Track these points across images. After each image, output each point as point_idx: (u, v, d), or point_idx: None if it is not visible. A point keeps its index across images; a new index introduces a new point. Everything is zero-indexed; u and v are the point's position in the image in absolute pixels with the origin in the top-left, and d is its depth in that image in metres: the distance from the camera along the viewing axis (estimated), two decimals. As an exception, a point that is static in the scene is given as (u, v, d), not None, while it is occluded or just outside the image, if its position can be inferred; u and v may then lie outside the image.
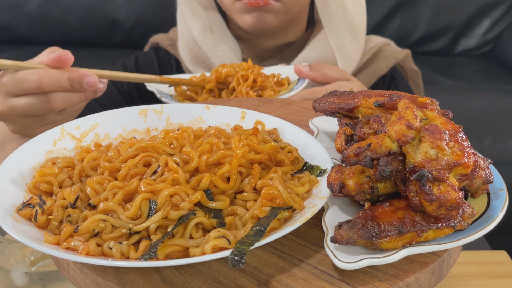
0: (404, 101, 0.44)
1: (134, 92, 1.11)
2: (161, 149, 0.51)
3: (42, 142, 0.55)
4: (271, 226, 0.44)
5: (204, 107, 0.63)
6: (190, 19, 1.05)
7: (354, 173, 0.45)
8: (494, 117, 1.74)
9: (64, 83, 0.70)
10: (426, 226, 0.42)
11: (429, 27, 2.08)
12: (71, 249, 0.43)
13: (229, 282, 0.42)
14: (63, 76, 0.70)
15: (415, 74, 1.12)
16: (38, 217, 0.45)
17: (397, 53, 1.11)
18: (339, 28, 1.01)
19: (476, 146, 1.65)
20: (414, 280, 0.42)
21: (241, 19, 1.00)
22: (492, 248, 1.08)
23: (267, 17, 0.98)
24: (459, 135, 0.41)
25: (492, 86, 1.88)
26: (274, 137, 0.58)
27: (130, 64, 1.12)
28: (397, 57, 1.10)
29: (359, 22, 1.05)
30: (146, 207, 0.45)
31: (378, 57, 1.10)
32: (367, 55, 1.10)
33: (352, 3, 1.03)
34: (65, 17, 2.02)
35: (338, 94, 0.56)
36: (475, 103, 1.77)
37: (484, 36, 2.11)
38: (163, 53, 1.14)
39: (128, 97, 1.11)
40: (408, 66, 1.12)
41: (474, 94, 1.82)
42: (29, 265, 0.67)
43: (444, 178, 0.40)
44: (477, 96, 1.82)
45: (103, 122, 0.59)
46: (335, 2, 1.01)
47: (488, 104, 1.78)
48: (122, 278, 0.42)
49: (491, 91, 1.84)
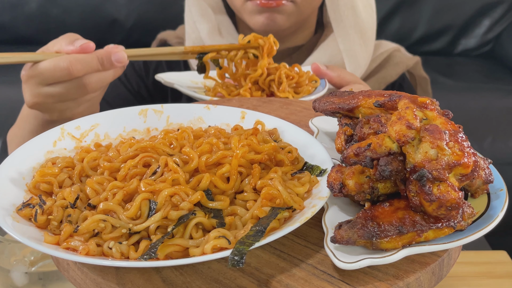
0: (404, 101, 0.44)
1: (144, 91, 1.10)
2: (161, 149, 0.51)
3: (42, 142, 0.55)
4: (271, 226, 0.44)
5: (204, 107, 0.63)
6: (199, 20, 1.04)
7: (354, 173, 0.45)
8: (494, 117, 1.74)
9: (95, 64, 0.71)
10: (426, 226, 0.42)
11: (429, 27, 2.08)
12: (71, 249, 0.43)
13: (229, 282, 0.42)
14: (92, 57, 0.71)
15: (424, 81, 1.11)
16: (38, 217, 0.45)
17: (407, 60, 1.09)
18: (349, 32, 1.00)
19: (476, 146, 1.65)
20: (414, 280, 0.42)
21: (252, 20, 0.99)
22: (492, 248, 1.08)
23: (279, 18, 0.97)
24: (459, 135, 0.41)
25: (492, 86, 1.88)
26: (274, 137, 0.58)
27: (138, 63, 1.12)
28: (407, 64, 1.08)
29: (369, 26, 1.03)
30: (146, 207, 0.45)
31: (388, 63, 1.08)
32: (377, 61, 1.08)
33: (363, 7, 1.02)
34: (65, 17, 2.02)
35: (338, 94, 0.56)
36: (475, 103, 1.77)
37: (484, 36, 2.10)
38: None
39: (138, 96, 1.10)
40: (417, 73, 1.10)
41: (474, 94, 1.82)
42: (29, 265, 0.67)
43: (444, 178, 0.40)
44: (477, 96, 1.81)
45: (103, 122, 0.59)
46: (346, 6, 0.99)
47: (488, 104, 1.78)
48: (122, 278, 0.42)
49: (491, 91, 1.84)
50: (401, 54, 1.11)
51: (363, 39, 1.02)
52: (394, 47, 1.12)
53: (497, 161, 0.60)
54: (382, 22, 2.04)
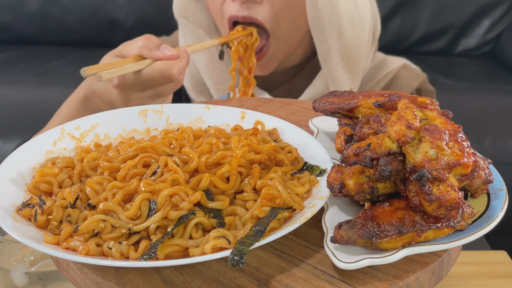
0: (404, 101, 0.44)
1: None
2: (161, 149, 0.51)
3: (42, 142, 0.55)
4: (271, 226, 0.44)
5: (204, 107, 0.63)
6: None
7: (354, 173, 0.45)
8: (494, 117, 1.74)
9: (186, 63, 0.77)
10: (426, 226, 0.42)
11: (429, 27, 2.07)
12: (71, 249, 0.43)
13: (229, 282, 0.42)
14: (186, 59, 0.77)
15: (430, 93, 1.07)
16: (38, 217, 0.45)
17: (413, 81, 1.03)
18: (332, 53, 0.92)
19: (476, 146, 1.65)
20: (414, 280, 0.42)
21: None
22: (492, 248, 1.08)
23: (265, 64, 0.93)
24: (459, 135, 0.41)
25: (492, 86, 1.88)
26: (274, 137, 0.58)
27: None
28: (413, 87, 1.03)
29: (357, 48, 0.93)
30: (146, 207, 0.45)
31: (392, 86, 1.03)
32: (380, 84, 1.02)
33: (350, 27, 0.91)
34: (65, 17, 2.02)
35: (338, 94, 0.56)
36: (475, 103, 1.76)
37: (484, 36, 2.10)
38: None
39: None
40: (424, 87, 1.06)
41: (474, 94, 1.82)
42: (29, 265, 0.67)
43: (444, 178, 0.40)
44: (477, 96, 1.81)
45: (103, 122, 0.59)
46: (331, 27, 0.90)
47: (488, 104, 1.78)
48: (122, 278, 0.42)
49: (491, 91, 1.84)
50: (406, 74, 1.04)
51: (346, 61, 0.93)
52: (400, 65, 1.05)
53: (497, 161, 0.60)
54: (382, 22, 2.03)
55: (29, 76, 1.83)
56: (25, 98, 1.72)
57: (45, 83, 1.77)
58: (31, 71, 1.86)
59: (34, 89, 1.74)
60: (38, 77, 1.81)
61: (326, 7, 0.88)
